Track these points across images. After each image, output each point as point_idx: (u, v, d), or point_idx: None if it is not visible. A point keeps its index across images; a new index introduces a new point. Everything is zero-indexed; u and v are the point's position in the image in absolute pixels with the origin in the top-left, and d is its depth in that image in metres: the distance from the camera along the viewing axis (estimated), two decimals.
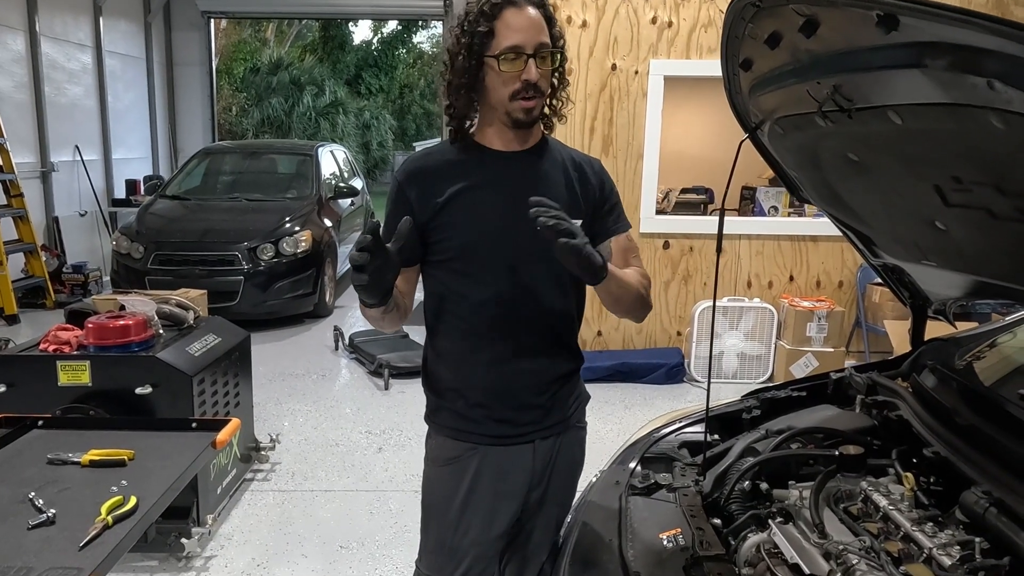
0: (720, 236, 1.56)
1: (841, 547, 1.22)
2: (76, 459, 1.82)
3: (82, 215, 8.07)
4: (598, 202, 1.63)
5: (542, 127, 1.60)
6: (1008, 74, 0.88)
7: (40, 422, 2.06)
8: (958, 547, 1.18)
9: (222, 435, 1.94)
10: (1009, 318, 1.96)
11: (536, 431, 1.61)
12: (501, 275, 1.52)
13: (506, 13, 1.43)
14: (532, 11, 1.44)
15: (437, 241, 1.53)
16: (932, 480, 1.41)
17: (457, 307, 1.55)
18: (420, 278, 1.63)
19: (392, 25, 23.10)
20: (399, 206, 1.54)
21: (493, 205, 1.51)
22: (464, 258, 1.52)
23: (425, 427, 1.69)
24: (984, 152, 1.08)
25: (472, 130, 1.57)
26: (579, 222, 1.57)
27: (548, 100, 1.56)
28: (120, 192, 8.73)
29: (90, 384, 2.75)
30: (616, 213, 1.65)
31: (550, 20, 1.49)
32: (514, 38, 1.42)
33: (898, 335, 4.21)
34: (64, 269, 7.22)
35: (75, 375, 2.75)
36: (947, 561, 1.16)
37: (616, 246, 1.63)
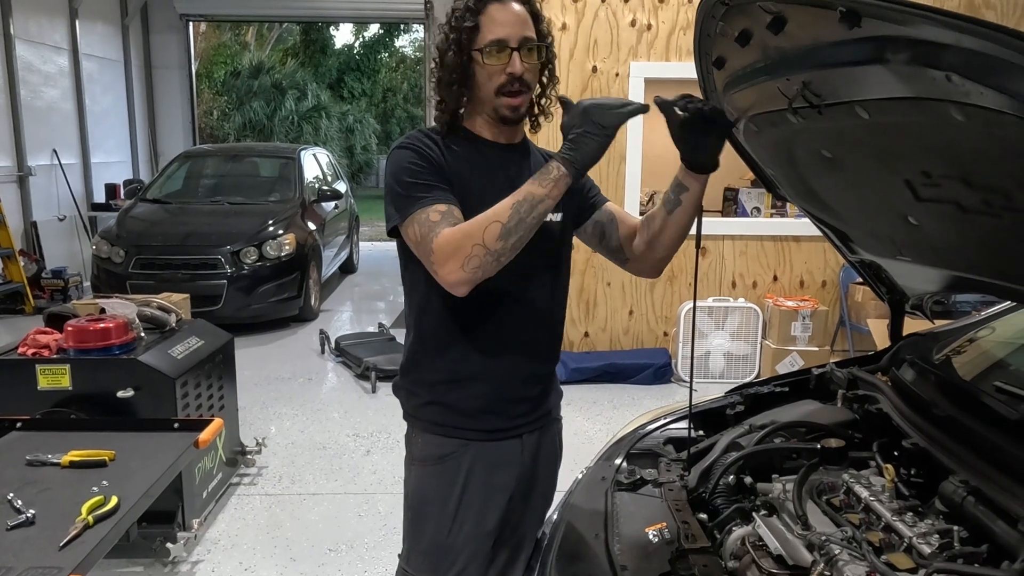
0: (699, 234, 1.58)
1: (824, 538, 1.23)
2: (56, 460, 1.80)
3: (61, 219, 7.98)
4: (578, 190, 1.64)
5: (529, 125, 1.61)
6: (964, 67, 0.91)
7: (19, 424, 2.04)
8: (937, 536, 1.20)
9: (205, 434, 1.93)
10: (985, 313, 2.00)
11: (525, 424, 1.62)
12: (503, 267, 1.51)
13: (490, 7, 1.45)
14: (516, 6, 1.46)
15: None
16: (912, 471, 1.43)
17: (451, 299, 1.49)
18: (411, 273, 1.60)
19: (374, 29, 23.07)
20: (430, 162, 1.46)
21: (490, 192, 1.48)
22: None
23: None
24: (949, 145, 1.10)
25: (462, 120, 1.57)
26: (560, 215, 1.59)
27: (537, 99, 1.57)
28: (99, 196, 8.64)
29: (70, 388, 2.72)
30: (596, 189, 1.71)
31: (536, 16, 1.50)
32: (498, 31, 1.44)
33: (881, 333, 4.25)
34: (43, 274, 7.14)
35: (55, 379, 2.72)
36: (927, 549, 1.18)
37: (612, 209, 1.68)
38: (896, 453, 1.50)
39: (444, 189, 1.44)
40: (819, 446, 1.53)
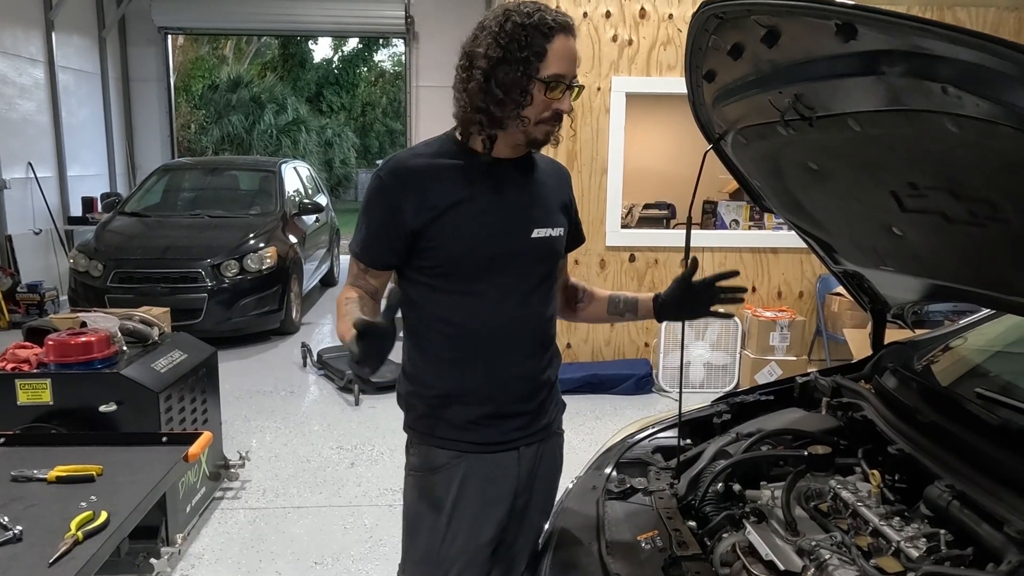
0: (688, 248, 1.61)
1: (813, 543, 1.26)
2: (42, 476, 1.78)
3: (36, 233, 7.85)
4: (574, 210, 1.70)
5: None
6: (961, 79, 0.93)
7: (1, 439, 2.01)
8: (924, 539, 1.23)
9: (194, 448, 1.91)
10: (963, 321, 2.05)
11: (521, 437, 1.61)
12: (495, 282, 1.51)
13: (558, 39, 1.42)
14: (574, 41, 1.46)
15: (428, 248, 1.49)
16: (897, 476, 1.46)
17: (448, 314, 1.53)
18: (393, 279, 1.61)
19: (352, 43, 23.07)
20: (389, 211, 1.48)
21: (491, 214, 1.50)
22: (458, 267, 1.50)
23: (397, 441, 1.67)
24: (938, 157, 1.13)
25: (459, 133, 1.53)
26: (562, 228, 1.62)
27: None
28: (76, 210, 8.51)
29: (51, 402, 2.68)
30: (579, 222, 1.75)
31: None
32: (561, 66, 1.43)
33: (857, 342, 4.33)
34: (18, 288, 7.02)
35: (35, 393, 2.68)
36: (914, 553, 1.21)
37: (564, 268, 1.74)
38: (881, 459, 1.53)
39: (374, 246, 1.52)
40: (806, 453, 1.55)
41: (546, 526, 1.70)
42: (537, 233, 1.55)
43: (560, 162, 1.75)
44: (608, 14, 4.92)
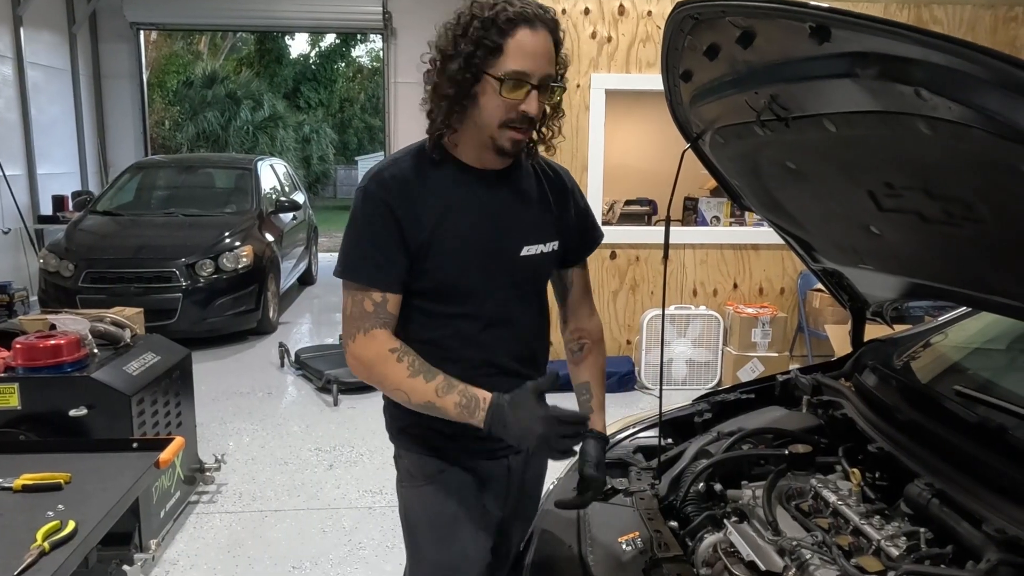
0: (667, 246, 1.60)
1: (794, 543, 1.25)
2: (7, 484, 1.73)
3: (5, 232, 7.69)
4: (578, 216, 1.60)
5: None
6: (933, 83, 0.93)
7: None
8: (904, 538, 1.23)
9: (165, 454, 1.87)
10: (942, 318, 2.06)
11: (508, 446, 1.53)
12: (483, 299, 1.45)
13: (520, 32, 1.29)
14: (545, 35, 1.32)
15: (422, 263, 1.41)
16: (877, 475, 1.46)
17: (435, 328, 1.46)
18: None
19: (330, 39, 22.90)
20: (387, 224, 1.37)
21: (478, 229, 1.42)
22: (449, 283, 1.43)
23: (377, 443, 1.64)
24: (913, 157, 1.13)
25: (446, 140, 1.43)
26: (555, 243, 1.54)
27: (536, 129, 1.48)
28: (46, 208, 8.36)
29: (19, 407, 2.62)
30: (590, 225, 1.64)
31: (558, 46, 1.36)
32: (523, 63, 1.29)
33: (838, 338, 4.36)
34: None
35: (2, 398, 2.62)
36: (894, 552, 1.20)
37: (578, 280, 1.63)
38: (861, 457, 1.53)
39: (387, 266, 1.38)
40: (786, 452, 1.55)
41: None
42: (527, 251, 1.48)
43: (566, 169, 1.63)
44: (587, 11, 4.90)
